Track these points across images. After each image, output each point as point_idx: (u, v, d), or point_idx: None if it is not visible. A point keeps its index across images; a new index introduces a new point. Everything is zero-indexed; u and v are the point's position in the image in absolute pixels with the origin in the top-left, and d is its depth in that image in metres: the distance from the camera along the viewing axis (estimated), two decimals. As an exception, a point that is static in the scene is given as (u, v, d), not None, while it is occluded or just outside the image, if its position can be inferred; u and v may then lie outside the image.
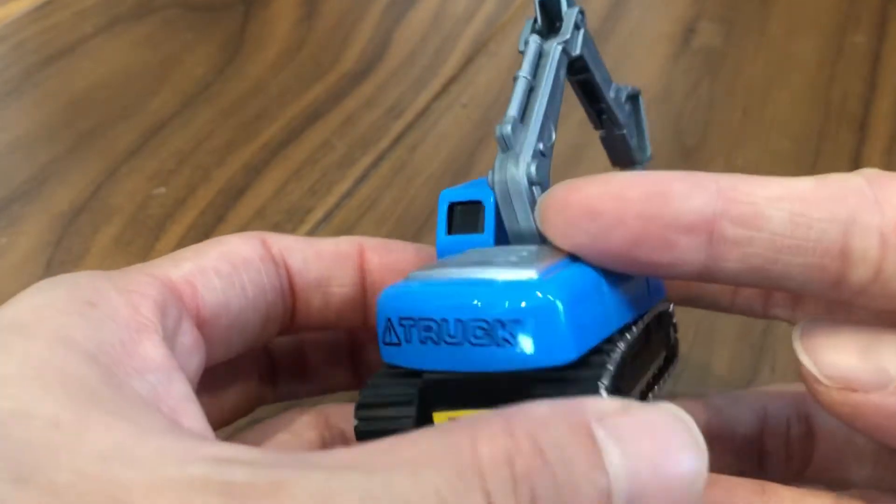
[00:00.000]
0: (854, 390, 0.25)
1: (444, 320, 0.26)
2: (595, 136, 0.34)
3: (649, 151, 0.34)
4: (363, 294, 0.31)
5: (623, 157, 0.33)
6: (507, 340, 0.25)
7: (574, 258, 0.26)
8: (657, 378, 0.29)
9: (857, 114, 0.55)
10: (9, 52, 0.61)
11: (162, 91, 0.58)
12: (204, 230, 0.48)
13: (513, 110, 0.27)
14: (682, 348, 0.41)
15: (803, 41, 0.62)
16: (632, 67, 0.60)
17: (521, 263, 0.26)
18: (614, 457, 0.21)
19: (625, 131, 0.32)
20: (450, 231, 0.29)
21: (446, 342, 0.26)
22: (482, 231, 0.29)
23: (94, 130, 0.55)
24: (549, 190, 0.26)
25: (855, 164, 0.51)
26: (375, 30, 0.64)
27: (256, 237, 0.30)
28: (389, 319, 0.27)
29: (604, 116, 0.32)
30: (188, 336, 0.26)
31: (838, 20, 0.64)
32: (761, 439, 0.31)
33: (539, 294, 0.25)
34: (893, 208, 0.24)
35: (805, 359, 0.26)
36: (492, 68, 0.59)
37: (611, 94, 0.32)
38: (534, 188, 0.27)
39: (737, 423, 0.31)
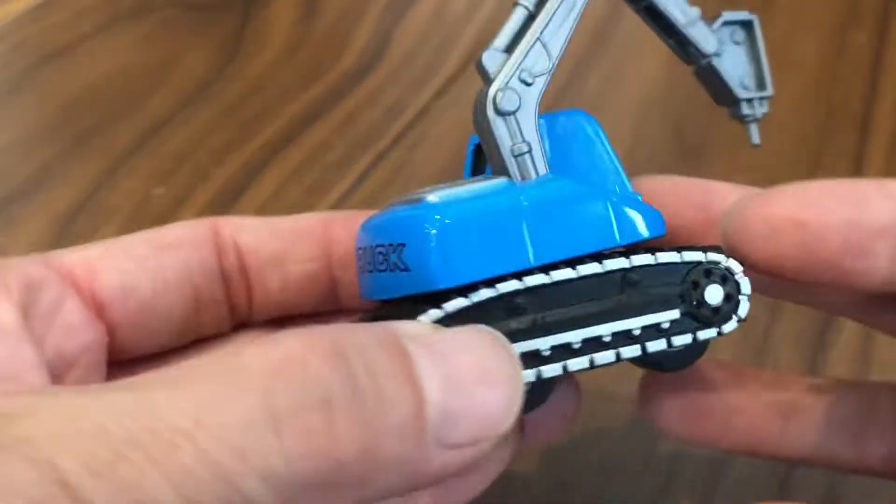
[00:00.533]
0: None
1: (368, 248, 0.26)
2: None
3: (770, 88, 0.30)
4: (329, 269, 0.30)
5: (721, 92, 0.30)
6: (397, 265, 0.25)
7: (517, 186, 0.25)
8: (634, 339, 0.25)
9: (858, 113, 0.55)
10: (8, 51, 0.61)
11: (161, 91, 0.58)
12: (203, 230, 0.48)
13: (499, 40, 0.26)
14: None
15: (804, 41, 0.62)
16: (633, 68, 0.60)
17: (441, 190, 0.25)
18: (428, 368, 0.20)
19: (712, 61, 0.29)
20: (473, 173, 0.29)
21: (369, 270, 0.26)
22: (484, 171, 0.28)
23: (93, 130, 0.54)
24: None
25: (857, 163, 0.51)
26: (375, 29, 0.64)
27: (206, 221, 0.29)
28: (353, 252, 0.27)
29: (689, 48, 0.30)
30: (73, 315, 0.26)
31: (839, 20, 0.63)
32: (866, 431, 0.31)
33: (422, 217, 0.24)
34: None
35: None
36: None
37: (685, 19, 0.29)
38: (507, 118, 0.26)
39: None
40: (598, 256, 0.25)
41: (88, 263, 0.27)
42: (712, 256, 0.26)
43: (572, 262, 0.25)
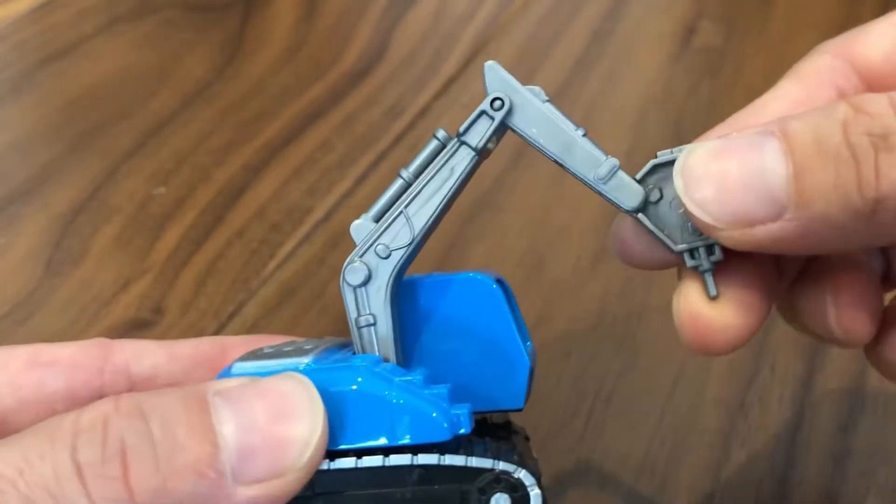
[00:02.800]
0: (752, 226, 0.24)
1: None
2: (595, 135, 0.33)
3: (679, 245, 0.27)
4: None
5: (661, 243, 0.27)
6: None
7: (319, 361, 0.26)
8: None
9: (857, 113, 0.55)
10: (9, 51, 0.61)
11: (162, 91, 0.58)
12: (203, 230, 0.48)
13: (373, 208, 0.27)
14: (683, 349, 0.41)
15: (803, 41, 0.62)
16: (632, 67, 0.60)
17: (257, 360, 0.27)
18: (224, 416, 0.23)
19: (638, 216, 0.27)
20: None
21: None
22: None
23: (93, 130, 0.55)
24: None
25: (855, 163, 0.51)
26: (375, 30, 0.64)
27: (98, 344, 0.30)
28: None
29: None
30: None
31: (838, 20, 0.63)
32: None
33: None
34: None
35: (697, 211, 0.25)
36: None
37: (595, 176, 0.27)
38: (356, 290, 0.27)
39: None
40: (389, 450, 0.26)
41: None
42: (503, 466, 0.26)
43: (363, 452, 0.25)
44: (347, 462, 0.25)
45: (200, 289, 0.45)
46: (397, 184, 0.27)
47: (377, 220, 0.27)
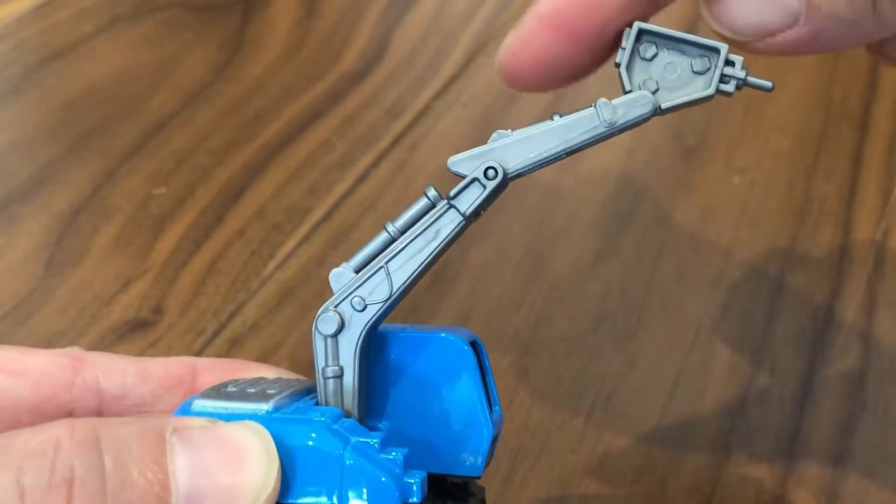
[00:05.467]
0: (774, 35, 0.28)
1: None
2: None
3: (715, 41, 0.28)
4: None
5: (697, 103, 0.28)
6: None
7: (271, 416, 0.25)
8: None
9: (857, 113, 0.55)
10: (9, 51, 0.61)
11: (162, 91, 0.58)
12: (203, 230, 0.48)
13: (355, 258, 0.27)
14: (683, 349, 0.41)
15: (803, 41, 0.62)
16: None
17: (218, 398, 0.26)
18: (179, 458, 0.23)
19: (660, 110, 0.27)
20: None
21: None
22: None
23: (93, 130, 0.55)
24: None
25: (855, 163, 0.51)
26: (375, 30, 0.64)
27: (70, 357, 0.30)
28: None
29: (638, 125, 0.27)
30: None
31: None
32: None
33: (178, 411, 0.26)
34: None
35: (726, 31, 0.28)
36: (492, 68, 0.59)
37: (605, 127, 0.28)
38: (326, 339, 0.26)
39: None
40: None
41: None
42: None
43: None
44: None
45: (200, 289, 0.45)
46: (382, 237, 0.26)
47: (357, 270, 0.26)
